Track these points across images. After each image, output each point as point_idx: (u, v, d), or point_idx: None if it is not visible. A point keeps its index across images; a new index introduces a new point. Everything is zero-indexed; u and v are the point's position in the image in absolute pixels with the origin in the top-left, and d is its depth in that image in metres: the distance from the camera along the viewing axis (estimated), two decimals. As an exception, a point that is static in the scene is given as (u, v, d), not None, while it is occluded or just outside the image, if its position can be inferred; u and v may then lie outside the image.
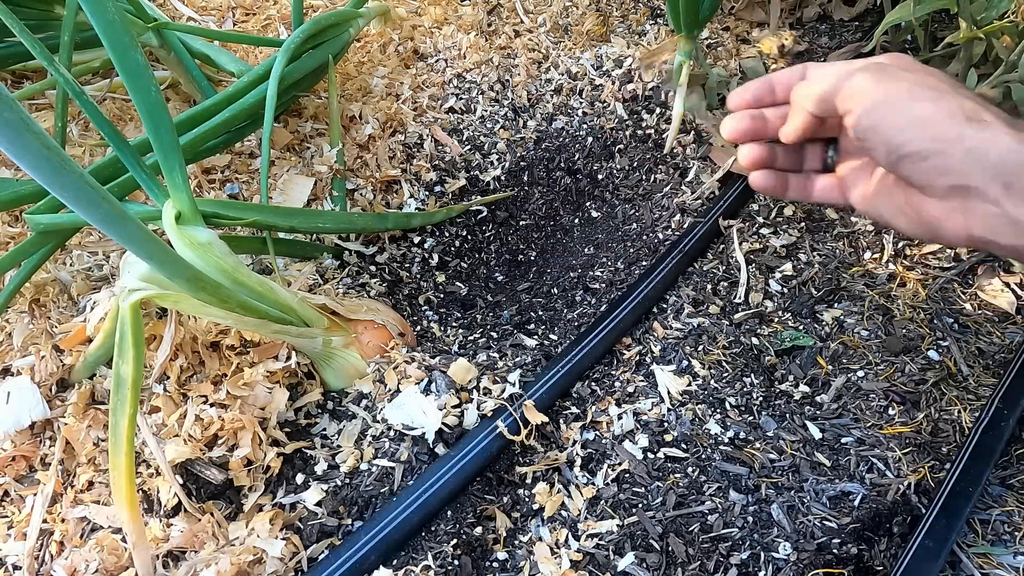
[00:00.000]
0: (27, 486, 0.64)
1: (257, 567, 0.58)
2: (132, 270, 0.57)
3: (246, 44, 1.11)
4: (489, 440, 0.64)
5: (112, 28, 0.53)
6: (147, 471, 0.62)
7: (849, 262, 0.84)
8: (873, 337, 0.75)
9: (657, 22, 1.26)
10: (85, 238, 0.83)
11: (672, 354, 0.75)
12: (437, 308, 0.87)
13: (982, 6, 0.85)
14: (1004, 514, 0.61)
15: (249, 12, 1.24)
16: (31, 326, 0.72)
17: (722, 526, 0.61)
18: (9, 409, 0.64)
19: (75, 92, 0.56)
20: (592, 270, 0.90)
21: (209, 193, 0.90)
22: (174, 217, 0.59)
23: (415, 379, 0.69)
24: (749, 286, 0.82)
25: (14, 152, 0.40)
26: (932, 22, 1.12)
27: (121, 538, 0.59)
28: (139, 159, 0.61)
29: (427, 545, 0.60)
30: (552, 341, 0.80)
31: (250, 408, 0.65)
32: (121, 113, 1.01)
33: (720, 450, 0.67)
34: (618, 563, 0.59)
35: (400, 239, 0.92)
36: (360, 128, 1.01)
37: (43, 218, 0.68)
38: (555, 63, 1.18)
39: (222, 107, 0.81)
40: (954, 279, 0.81)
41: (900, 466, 0.64)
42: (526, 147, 1.05)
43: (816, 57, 1.19)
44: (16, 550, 0.60)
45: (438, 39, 1.21)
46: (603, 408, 0.71)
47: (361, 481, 0.64)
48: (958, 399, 0.69)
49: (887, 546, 0.58)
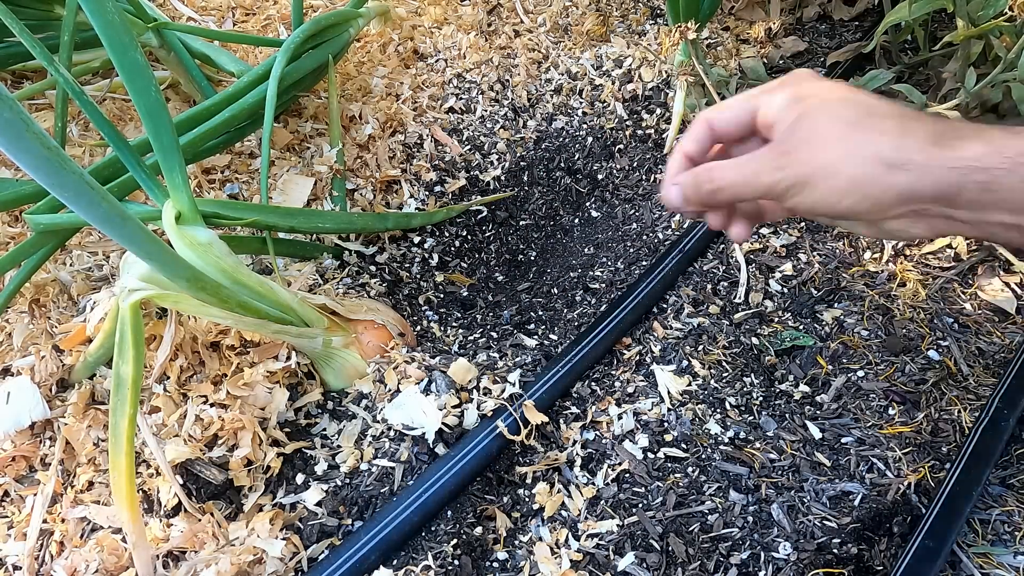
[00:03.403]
0: (27, 486, 0.64)
1: (257, 567, 0.58)
2: (132, 270, 0.57)
3: (246, 44, 1.11)
4: (489, 440, 0.64)
5: (112, 28, 0.53)
6: (147, 471, 0.62)
7: (849, 262, 0.84)
8: (873, 337, 0.75)
9: (657, 22, 1.26)
10: (85, 238, 0.83)
11: (672, 354, 0.75)
12: (437, 308, 0.87)
13: (979, 5, 0.85)
14: (1004, 514, 0.61)
15: (249, 12, 1.24)
16: (31, 326, 0.72)
17: (722, 526, 0.61)
18: (9, 409, 0.64)
19: (75, 92, 0.56)
20: (592, 270, 0.90)
21: (209, 193, 0.90)
22: (174, 217, 0.59)
23: (415, 379, 0.69)
24: (749, 286, 0.82)
25: (14, 152, 0.40)
26: (931, 21, 1.12)
27: (121, 538, 0.59)
28: (139, 159, 0.61)
29: (427, 545, 0.60)
30: (552, 341, 0.80)
31: (250, 408, 0.65)
32: (121, 113, 1.01)
33: (720, 450, 0.67)
34: (618, 563, 0.59)
35: (400, 239, 0.92)
36: (360, 128, 1.01)
37: (43, 218, 0.68)
38: (555, 63, 1.18)
39: (222, 107, 0.81)
40: (954, 279, 0.81)
41: (900, 466, 0.64)
42: (526, 147, 1.05)
43: (816, 57, 1.20)
44: (16, 550, 0.60)
45: (438, 39, 1.21)
46: (603, 408, 0.71)
47: (361, 481, 0.64)
48: (958, 399, 0.69)
49: (887, 546, 0.58)
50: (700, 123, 0.54)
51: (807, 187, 0.49)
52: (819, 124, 0.50)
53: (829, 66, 1.14)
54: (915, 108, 0.51)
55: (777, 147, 0.50)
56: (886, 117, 0.49)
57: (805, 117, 0.50)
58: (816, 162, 0.49)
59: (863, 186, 0.48)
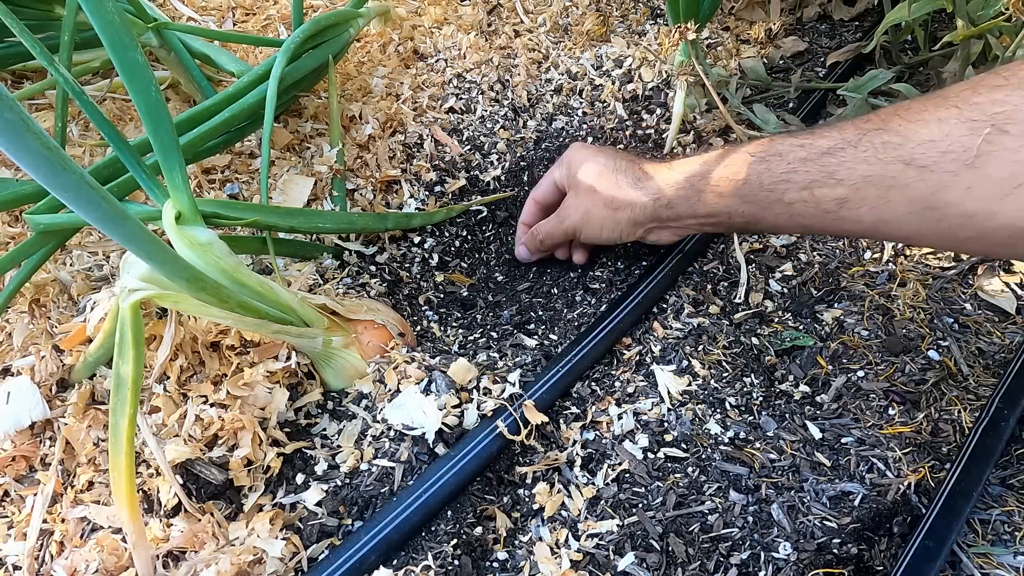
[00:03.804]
0: (27, 486, 0.64)
1: (257, 567, 0.58)
2: (132, 270, 0.57)
3: (246, 44, 1.11)
4: (489, 440, 0.64)
5: (112, 28, 0.53)
6: (147, 471, 0.62)
7: (849, 262, 0.84)
8: (873, 337, 0.75)
9: (657, 22, 1.26)
10: (85, 238, 0.83)
11: (672, 354, 0.75)
12: (437, 308, 0.87)
13: (979, 4, 0.85)
14: (1004, 514, 0.61)
15: (249, 12, 1.24)
16: (31, 326, 0.72)
17: (722, 526, 0.61)
18: (9, 409, 0.64)
19: (75, 92, 0.56)
20: (592, 270, 0.90)
21: (209, 193, 0.90)
22: (174, 217, 0.59)
23: (415, 379, 0.69)
24: (749, 286, 0.82)
25: (14, 152, 0.40)
26: (931, 21, 1.12)
27: (121, 538, 0.59)
28: (139, 159, 0.61)
29: (427, 545, 0.60)
30: (552, 341, 0.80)
31: (250, 408, 0.65)
32: (121, 113, 1.01)
33: (720, 450, 0.67)
34: (618, 563, 0.59)
35: (400, 239, 0.92)
36: (360, 128, 1.01)
37: (43, 218, 0.68)
38: (555, 63, 1.18)
39: (222, 107, 0.81)
40: (954, 279, 0.81)
41: (900, 466, 0.64)
42: (526, 147, 1.05)
43: (816, 57, 1.20)
44: (16, 550, 0.60)
45: (438, 39, 1.21)
46: (603, 408, 0.71)
47: (361, 481, 0.64)
48: (958, 399, 0.69)
49: (887, 546, 0.58)
50: (529, 202, 0.88)
51: (583, 228, 0.79)
52: (579, 186, 0.77)
53: (829, 66, 1.14)
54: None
55: (563, 205, 0.81)
56: (608, 173, 0.74)
57: (573, 183, 0.79)
58: (579, 213, 0.78)
59: (606, 223, 0.76)
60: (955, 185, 0.49)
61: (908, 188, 0.52)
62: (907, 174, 0.52)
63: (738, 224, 0.69)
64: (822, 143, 0.58)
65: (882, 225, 0.56)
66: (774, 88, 1.11)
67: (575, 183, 0.78)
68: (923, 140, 0.51)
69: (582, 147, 0.79)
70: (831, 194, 0.57)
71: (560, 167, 0.81)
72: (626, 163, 0.74)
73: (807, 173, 0.58)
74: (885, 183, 0.53)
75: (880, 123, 0.55)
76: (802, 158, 0.59)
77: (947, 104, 0.50)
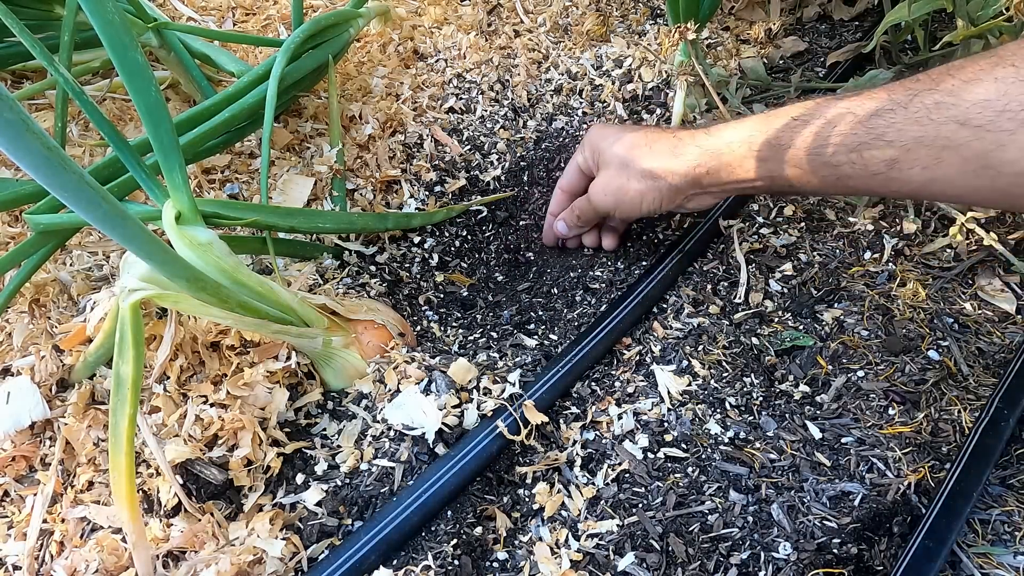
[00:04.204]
0: (27, 486, 0.64)
1: (257, 567, 0.58)
2: (132, 270, 0.57)
3: (246, 44, 1.11)
4: (489, 440, 0.64)
5: (112, 28, 0.53)
6: (147, 471, 0.62)
7: (849, 262, 0.84)
8: (873, 337, 0.75)
9: (657, 22, 1.26)
10: (85, 238, 0.83)
11: (672, 354, 0.75)
12: (437, 308, 0.87)
13: (979, 4, 0.85)
14: (1004, 514, 0.61)
15: (249, 12, 1.24)
16: (31, 326, 0.72)
17: (722, 526, 0.61)
18: (9, 409, 0.64)
19: (75, 92, 0.56)
20: (592, 270, 0.90)
21: (209, 193, 0.90)
22: (174, 217, 0.59)
23: (415, 379, 0.69)
24: (749, 286, 0.82)
25: (14, 152, 0.40)
26: (931, 21, 1.12)
27: (121, 538, 0.59)
28: (139, 159, 0.61)
29: (427, 545, 0.60)
30: (552, 341, 0.80)
31: (250, 408, 0.65)
32: (121, 113, 1.01)
33: (720, 450, 0.67)
34: (618, 563, 0.59)
35: (400, 239, 0.92)
36: (360, 128, 1.01)
37: (43, 218, 0.68)
38: (555, 63, 1.18)
39: (222, 107, 0.81)
40: (954, 279, 0.81)
41: (900, 466, 0.64)
42: (526, 147, 1.05)
43: (816, 57, 1.20)
44: (16, 550, 0.60)
45: (438, 39, 1.21)
46: (603, 408, 0.71)
47: (361, 481, 0.64)
48: (958, 399, 0.69)
49: (887, 546, 0.58)
50: (556, 192, 0.88)
51: (619, 205, 0.78)
52: (611, 164, 0.77)
53: (829, 66, 1.14)
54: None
55: (594, 184, 0.80)
56: (641, 145, 0.74)
57: (603, 161, 0.78)
58: (613, 188, 0.77)
59: (646, 195, 0.74)
60: (1012, 144, 0.49)
61: (963, 148, 0.52)
62: (961, 134, 0.51)
63: (781, 187, 0.68)
64: (870, 104, 0.57)
65: (932, 184, 0.56)
66: (774, 88, 1.11)
67: (606, 161, 0.77)
68: (978, 100, 0.51)
69: (604, 127, 0.79)
70: (880, 156, 0.56)
71: (583, 151, 0.81)
72: (657, 134, 0.74)
73: (855, 136, 0.58)
74: (939, 143, 0.53)
75: (931, 83, 0.54)
76: (849, 120, 0.58)
77: (1004, 63, 0.50)
